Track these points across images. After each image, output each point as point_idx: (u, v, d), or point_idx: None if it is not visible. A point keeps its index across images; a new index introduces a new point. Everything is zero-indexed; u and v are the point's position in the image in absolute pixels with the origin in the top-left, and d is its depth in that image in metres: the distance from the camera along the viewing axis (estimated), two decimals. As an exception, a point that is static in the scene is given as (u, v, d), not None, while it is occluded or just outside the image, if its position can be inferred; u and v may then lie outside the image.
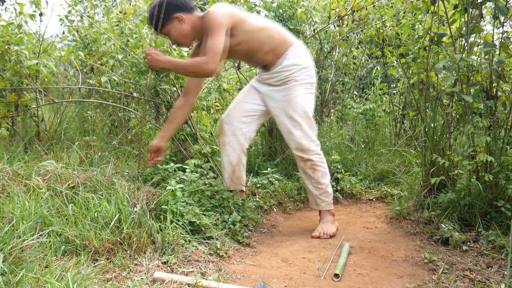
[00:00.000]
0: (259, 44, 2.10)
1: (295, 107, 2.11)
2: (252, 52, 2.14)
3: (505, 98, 2.06)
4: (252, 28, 2.08)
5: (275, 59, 2.15)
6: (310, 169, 2.18)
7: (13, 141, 2.83)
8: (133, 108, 3.45)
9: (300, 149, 2.14)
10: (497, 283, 1.56)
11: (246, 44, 2.10)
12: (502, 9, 1.85)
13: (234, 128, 2.20)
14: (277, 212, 2.53)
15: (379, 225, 2.34)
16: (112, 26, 2.95)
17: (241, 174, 2.27)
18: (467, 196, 2.04)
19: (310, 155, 2.15)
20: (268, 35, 2.11)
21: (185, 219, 1.86)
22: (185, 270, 1.60)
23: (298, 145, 2.14)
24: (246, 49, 2.12)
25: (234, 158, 2.22)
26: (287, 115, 2.13)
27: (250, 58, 2.20)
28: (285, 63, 2.13)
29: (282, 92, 2.14)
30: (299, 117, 2.11)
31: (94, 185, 2.02)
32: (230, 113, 2.23)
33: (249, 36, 2.08)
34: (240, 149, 2.21)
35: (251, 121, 2.23)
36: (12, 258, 1.36)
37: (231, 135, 2.20)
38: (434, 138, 2.24)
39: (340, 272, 1.67)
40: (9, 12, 5.22)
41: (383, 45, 3.46)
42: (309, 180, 2.21)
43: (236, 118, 2.21)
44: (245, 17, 2.08)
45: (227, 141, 2.21)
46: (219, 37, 1.96)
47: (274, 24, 2.19)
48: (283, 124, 2.16)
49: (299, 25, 2.83)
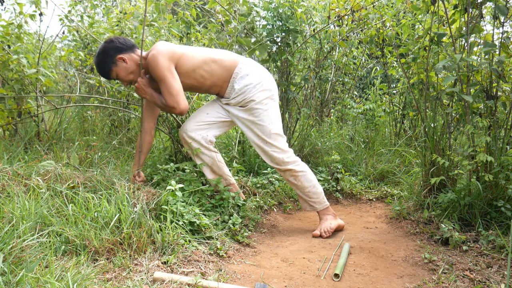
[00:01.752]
0: (200, 79, 2.14)
1: (262, 129, 2.14)
2: (196, 88, 2.19)
3: (505, 98, 2.06)
4: (190, 65, 2.10)
5: (223, 87, 2.18)
6: (292, 177, 2.20)
7: (13, 141, 2.83)
8: (133, 108, 3.45)
9: (275, 162, 2.18)
10: (497, 283, 1.56)
11: (188, 81, 2.13)
12: (502, 9, 1.85)
13: (193, 135, 2.20)
14: (277, 212, 2.53)
15: (379, 225, 2.34)
16: (112, 26, 2.96)
17: (222, 170, 2.28)
18: (467, 196, 2.04)
19: (287, 165, 2.17)
20: (207, 70, 2.12)
21: (185, 219, 1.86)
22: (185, 270, 1.60)
23: (272, 159, 2.17)
24: (189, 86, 2.17)
25: (207, 159, 2.23)
26: (255, 135, 2.16)
27: (198, 91, 2.25)
28: (236, 88, 2.14)
29: (246, 113, 2.16)
30: (267, 136, 2.14)
31: (94, 185, 2.02)
32: (186, 124, 2.23)
33: (188, 74, 2.11)
34: (207, 150, 2.22)
35: (209, 128, 2.23)
36: (12, 258, 1.36)
37: (193, 141, 2.20)
38: (434, 138, 2.24)
39: (340, 272, 1.67)
40: (9, 12, 5.23)
41: (383, 45, 3.46)
42: (295, 186, 2.24)
43: (193, 127, 2.21)
44: (183, 53, 2.09)
45: (193, 147, 2.21)
46: (171, 79, 2.03)
47: (213, 53, 2.17)
48: (253, 142, 2.19)
49: (299, 25, 2.83)
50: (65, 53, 3.32)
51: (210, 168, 2.26)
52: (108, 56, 2.06)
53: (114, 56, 2.07)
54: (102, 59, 2.08)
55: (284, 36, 2.84)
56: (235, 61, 2.16)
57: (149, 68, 2.06)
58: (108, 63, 2.07)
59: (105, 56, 2.07)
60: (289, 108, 3.24)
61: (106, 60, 2.07)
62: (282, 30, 2.81)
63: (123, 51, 2.08)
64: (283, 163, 2.17)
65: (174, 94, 2.03)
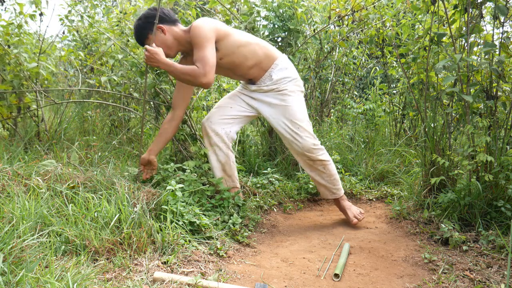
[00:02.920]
0: (242, 58, 2.14)
1: (294, 114, 2.17)
2: (235, 66, 2.17)
3: (505, 98, 2.06)
4: (235, 43, 2.11)
5: (260, 73, 2.20)
6: (321, 166, 2.27)
7: (13, 141, 2.83)
8: (133, 108, 3.45)
9: (307, 150, 2.19)
10: (497, 283, 1.56)
11: (229, 57, 2.13)
12: (502, 9, 1.85)
13: (217, 129, 2.22)
14: (277, 212, 2.53)
15: (379, 225, 2.34)
16: (112, 26, 2.95)
17: (233, 171, 2.31)
18: (467, 196, 2.04)
19: (318, 154, 2.22)
20: (250, 50, 2.14)
21: (185, 219, 1.86)
22: (185, 270, 1.60)
23: (304, 147, 2.19)
24: (229, 63, 2.15)
25: (222, 157, 2.25)
26: (288, 120, 2.18)
27: (233, 73, 2.24)
28: (274, 77, 2.18)
29: (278, 99, 2.19)
30: (299, 120, 2.18)
31: (94, 185, 2.02)
32: (211, 116, 2.26)
33: (231, 50, 2.11)
34: (226, 147, 2.24)
35: (233, 123, 2.26)
36: (12, 258, 1.36)
37: (215, 135, 2.23)
38: (434, 138, 2.24)
39: (340, 272, 1.68)
40: (9, 12, 5.23)
41: (383, 45, 3.45)
42: (322, 175, 2.29)
43: (217, 120, 2.24)
44: (228, 32, 2.11)
45: (213, 142, 2.24)
46: (209, 49, 2.00)
47: (258, 39, 2.23)
48: (284, 129, 2.19)
49: (299, 25, 2.83)
50: (65, 53, 3.31)
51: (222, 167, 2.26)
52: (148, 22, 2.04)
53: (154, 24, 2.03)
54: (142, 24, 2.06)
55: (285, 35, 2.84)
56: (276, 52, 2.24)
57: (191, 37, 2.01)
58: (147, 29, 2.06)
59: (145, 22, 2.05)
60: (289, 108, 3.23)
61: (146, 26, 2.05)
62: (284, 30, 2.81)
63: (165, 22, 2.08)
64: (314, 151, 2.20)
65: (209, 63, 1.97)
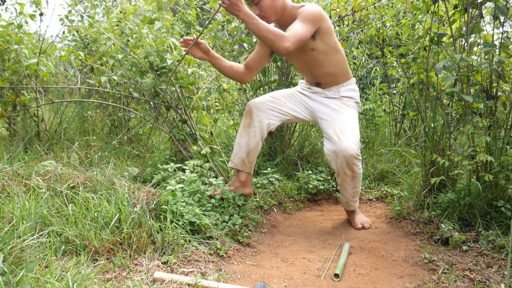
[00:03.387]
0: (327, 61, 2.16)
1: (349, 121, 2.16)
2: (317, 64, 2.18)
3: (505, 98, 2.06)
4: (332, 44, 2.14)
5: (331, 83, 2.25)
6: (351, 177, 2.16)
7: (13, 141, 2.83)
8: (133, 108, 3.45)
9: (348, 155, 2.05)
10: (497, 283, 1.56)
11: (319, 53, 2.13)
12: (502, 9, 1.85)
13: (262, 117, 2.23)
14: (277, 212, 2.53)
15: (379, 225, 2.34)
16: (112, 26, 2.95)
17: (254, 158, 2.32)
18: (467, 196, 2.04)
19: (357, 164, 2.11)
20: (338, 60, 2.18)
21: (185, 219, 1.86)
22: (185, 270, 1.60)
23: (347, 150, 2.04)
24: (314, 58, 2.16)
25: (253, 142, 2.25)
26: (341, 123, 2.13)
27: (309, 70, 2.25)
28: (341, 93, 2.24)
29: (337, 106, 2.23)
30: (351, 127, 2.13)
31: (94, 185, 2.02)
32: (263, 102, 2.25)
33: (325, 48, 2.12)
34: (260, 136, 2.26)
35: (279, 118, 2.29)
36: (12, 258, 1.36)
37: (257, 121, 2.23)
38: (434, 138, 2.24)
39: (340, 272, 1.68)
40: (9, 12, 5.23)
41: (383, 45, 3.45)
42: (350, 185, 2.21)
43: (267, 109, 2.25)
44: (332, 32, 2.14)
45: (252, 126, 2.24)
46: (308, 27, 1.99)
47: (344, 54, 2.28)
48: (334, 129, 2.12)
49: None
50: (65, 53, 3.32)
51: (248, 151, 2.26)
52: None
53: None
54: None
55: (284, 36, 2.84)
56: (351, 73, 2.32)
57: (300, 12, 2.02)
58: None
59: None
60: (289, 108, 3.23)
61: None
62: (283, 30, 2.81)
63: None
64: (355, 159, 2.08)
65: (299, 36, 1.94)
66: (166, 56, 2.38)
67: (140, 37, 2.50)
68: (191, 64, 2.62)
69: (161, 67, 2.39)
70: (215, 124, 3.41)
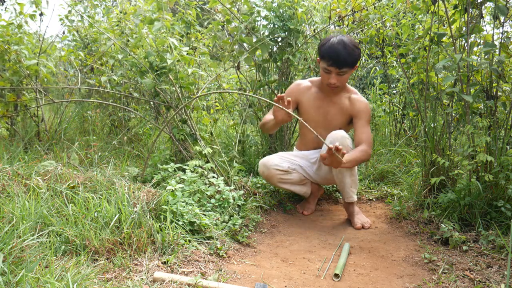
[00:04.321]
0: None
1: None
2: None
3: (505, 98, 2.06)
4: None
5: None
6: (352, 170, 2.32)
7: (13, 141, 2.83)
8: (133, 108, 3.45)
9: (345, 134, 2.25)
10: (497, 283, 1.56)
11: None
12: (502, 9, 1.85)
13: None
14: (277, 212, 2.53)
15: (379, 225, 2.34)
16: (112, 26, 2.95)
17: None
18: (467, 196, 2.04)
19: (349, 142, 2.27)
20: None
21: (185, 219, 1.86)
22: (185, 270, 1.60)
23: (342, 131, 2.24)
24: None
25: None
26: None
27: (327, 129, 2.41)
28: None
29: None
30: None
31: (94, 185, 2.02)
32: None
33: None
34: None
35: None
36: (12, 258, 1.36)
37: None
38: (434, 138, 2.24)
39: (340, 272, 1.67)
40: (9, 12, 5.23)
41: (383, 45, 3.45)
42: (346, 171, 2.29)
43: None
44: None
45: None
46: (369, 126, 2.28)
47: None
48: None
49: (299, 25, 2.83)
50: (65, 53, 3.31)
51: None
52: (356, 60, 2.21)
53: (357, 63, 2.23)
54: (359, 52, 2.21)
55: (286, 35, 2.84)
56: None
57: (359, 105, 2.28)
58: (355, 62, 2.20)
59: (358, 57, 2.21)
60: (289, 108, 3.23)
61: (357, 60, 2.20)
62: (284, 30, 2.81)
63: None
64: (347, 138, 2.23)
65: (370, 137, 2.25)
66: (166, 56, 2.38)
67: (140, 37, 2.50)
68: (191, 64, 2.61)
69: (161, 67, 2.39)
70: (215, 124, 3.41)
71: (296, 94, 2.37)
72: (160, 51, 2.44)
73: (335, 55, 2.14)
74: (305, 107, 2.35)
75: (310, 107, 2.34)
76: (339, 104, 2.31)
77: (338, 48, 2.14)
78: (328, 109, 2.33)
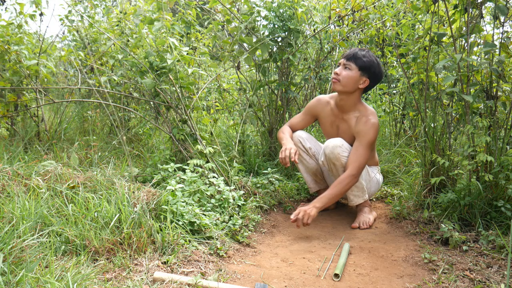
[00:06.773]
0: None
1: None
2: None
3: (505, 98, 2.06)
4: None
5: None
6: (340, 163, 2.37)
7: (13, 141, 2.83)
8: (133, 108, 3.45)
9: (339, 142, 2.36)
10: (497, 283, 1.56)
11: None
12: (502, 9, 1.85)
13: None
14: (277, 212, 2.53)
15: (379, 225, 2.34)
16: (112, 26, 2.95)
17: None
18: (467, 196, 2.04)
19: (342, 152, 2.37)
20: (374, 156, 2.58)
21: (185, 219, 1.86)
22: (185, 270, 1.60)
23: (334, 141, 2.35)
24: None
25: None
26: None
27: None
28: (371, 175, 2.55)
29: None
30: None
31: (94, 185, 2.02)
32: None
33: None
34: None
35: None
36: (12, 258, 1.36)
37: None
38: (434, 138, 2.24)
39: (340, 272, 1.67)
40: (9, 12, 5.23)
41: (383, 45, 3.45)
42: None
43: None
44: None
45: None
46: (368, 152, 2.25)
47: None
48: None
49: (299, 25, 2.83)
50: (65, 53, 3.32)
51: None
52: (371, 69, 2.26)
53: (369, 73, 2.26)
54: (373, 62, 2.26)
55: (286, 36, 2.84)
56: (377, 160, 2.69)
57: (362, 126, 2.27)
58: (364, 68, 2.25)
59: (378, 70, 2.28)
60: (289, 108, 3.24)
61: (368, 69, 2.25)
62: (284, 30, 2.81)
63: (371, 81, 2.30)
64: (340, 146, 2.32)
65: (362, 166, 2.23)
66: (166, 56, 2.38)
67: (140, 37, 2.50)
68: (191, 64, 2.61)
69: (161, 67, 2.39)
70: (215, 124, 3.41)
71: (316, 109, 2.52)
72: (160, 51, 2.44)
73: (351, 50, 2.29)
74: (322, 120, 2.51)
75: (326, 121, 2.49)
76: (347, 122, 2.39)
77: (357, 48, 2.30)
78: (339, 125, 2.44)
